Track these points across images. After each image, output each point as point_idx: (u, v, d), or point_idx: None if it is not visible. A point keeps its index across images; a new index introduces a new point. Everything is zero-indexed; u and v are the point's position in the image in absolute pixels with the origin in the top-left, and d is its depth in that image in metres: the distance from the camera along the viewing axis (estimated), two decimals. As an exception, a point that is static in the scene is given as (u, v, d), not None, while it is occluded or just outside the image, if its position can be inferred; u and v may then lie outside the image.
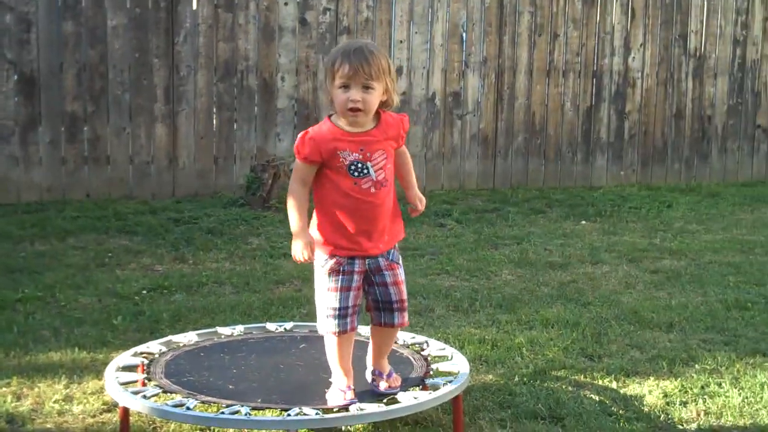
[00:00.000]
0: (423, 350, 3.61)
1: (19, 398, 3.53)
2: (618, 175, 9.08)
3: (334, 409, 3.01)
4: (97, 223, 6.51)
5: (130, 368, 3.39)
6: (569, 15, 8.72)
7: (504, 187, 8.58)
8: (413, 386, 3.25)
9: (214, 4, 7.55)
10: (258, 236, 6.38)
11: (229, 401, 3.04)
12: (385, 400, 3.11)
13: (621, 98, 9.02)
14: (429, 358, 3.51)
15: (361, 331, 3.47)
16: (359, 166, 3.05)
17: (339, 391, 3.09)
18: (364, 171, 3.05)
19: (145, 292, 5.00)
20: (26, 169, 7.11)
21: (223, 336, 3.78)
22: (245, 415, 2.92)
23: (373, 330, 3.26)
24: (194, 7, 7.49)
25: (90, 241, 6.11)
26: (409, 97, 8.20)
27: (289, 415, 2.92)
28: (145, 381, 3.27)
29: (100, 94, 7.28)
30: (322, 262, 3.12)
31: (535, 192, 8.42)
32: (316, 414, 2.93)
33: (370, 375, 3.27)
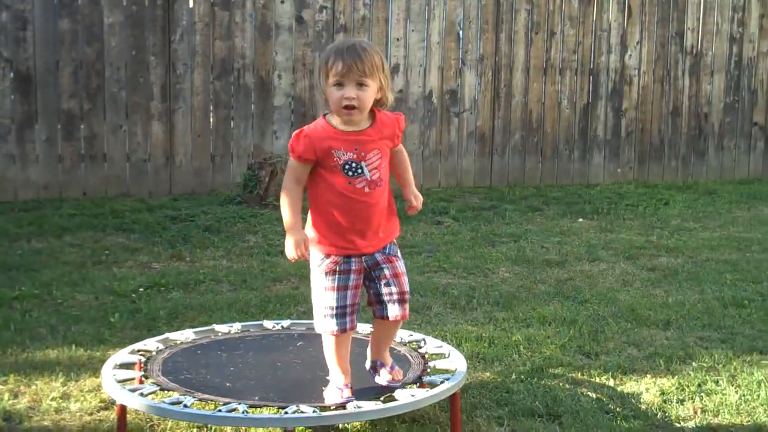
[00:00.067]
0: (420, 348, 3.61)
1: (16, 396, 3.53)
2: (615, 173, 9.08)
3: (332, 407, 3.01)
4: (93, 220, 6.50)
5: (128, 366, 3.38)
6: (566, 13, 8.72)
7: (501, 184, 8.58)
8: (410, 384, 3.25)
9: (210, 2, 7.54)
10: (255, 234, 6.38)
11: (227, 399, 3.04)
12: (382, 398, 3.10)
13: (618, 96, 9.03)
14: (426, 356, 3.51)
15: (359, 330, 3.47)
16: (353, 165, 3.04)
17: (336, 389, 3.08)
18: (359, 170, 3.04)
19: (142, 289, 5.00)
20: (23, 167, 7.10)
21: (220, 334, 3.78)
22: (242, 412, 2.92)
23: (375, 324, 3.25)
24: (191, 5, 7.48)
25: (87, 238, 6.11)
26: (406, 95, 8.20)
27: (287, 413, 2.92)
28: (143, 379, 3.27)
29: (97, 92, 7.27)
30: (318, 262, 3.11)
31: (532, 189, 8.43)
32: (314, 412, 2.93)
33: (372, 367, 3.25)
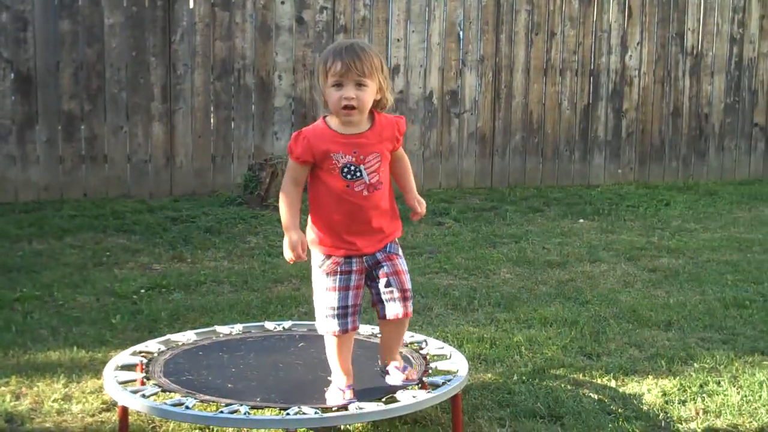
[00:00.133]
0: (422, 349, 3.60)
1: (18, 397, 3.52)
2: (615, 174, 9.08)
3: (333, 408, 3.00)
4: (94, 222, 6.50)
5: (129, 367, 3.38)
6: (566, 13, 8.72)
7: (502, 185, 8.58)
8: (412, 385, 3.24)
9: (210, 2, 7.55)
10: (256, 235, 6.38)
11: (228, 400, 3.03)
12: (384, 399, 3.10)
13: (618, 96, 9.03)
14: (428, 357, 3.50)
15: (361, 331, 3.47)
16: (352, 168, 3.02)
17: (338, 390, 3.08)
18: (357, 174, 3.03)
19: (143, 291, 4.99)
20: (23, 168, 7.10)
21: (221, 335, 3.77)
22: (244, 414, 2.91)
23: (380, 325, 3.24)
24: (191, 6, 7.48)
25: (88, 240, 6.10)
26: (406, 96, 8.20)
27: (288, 414, 2.91)
28: (144, 380, 3.26)
29: (97, 93, 7.27)
30: (319, 262, 3.10)
31: (532, 190, 8.43)
32: (315, 413, 2.93)
33: (385, 370, 3.23)
